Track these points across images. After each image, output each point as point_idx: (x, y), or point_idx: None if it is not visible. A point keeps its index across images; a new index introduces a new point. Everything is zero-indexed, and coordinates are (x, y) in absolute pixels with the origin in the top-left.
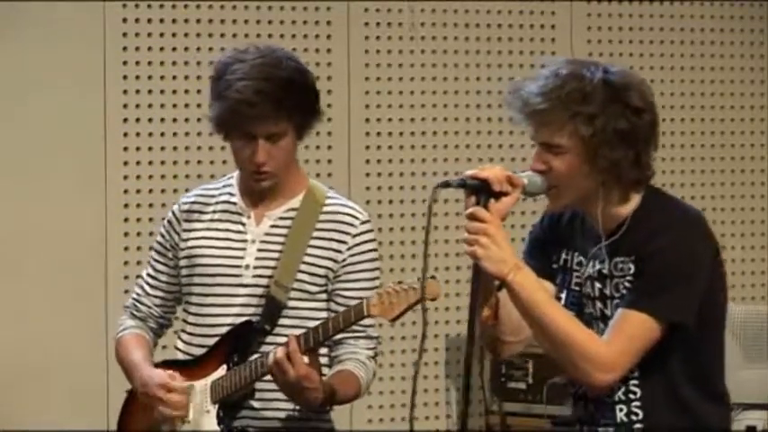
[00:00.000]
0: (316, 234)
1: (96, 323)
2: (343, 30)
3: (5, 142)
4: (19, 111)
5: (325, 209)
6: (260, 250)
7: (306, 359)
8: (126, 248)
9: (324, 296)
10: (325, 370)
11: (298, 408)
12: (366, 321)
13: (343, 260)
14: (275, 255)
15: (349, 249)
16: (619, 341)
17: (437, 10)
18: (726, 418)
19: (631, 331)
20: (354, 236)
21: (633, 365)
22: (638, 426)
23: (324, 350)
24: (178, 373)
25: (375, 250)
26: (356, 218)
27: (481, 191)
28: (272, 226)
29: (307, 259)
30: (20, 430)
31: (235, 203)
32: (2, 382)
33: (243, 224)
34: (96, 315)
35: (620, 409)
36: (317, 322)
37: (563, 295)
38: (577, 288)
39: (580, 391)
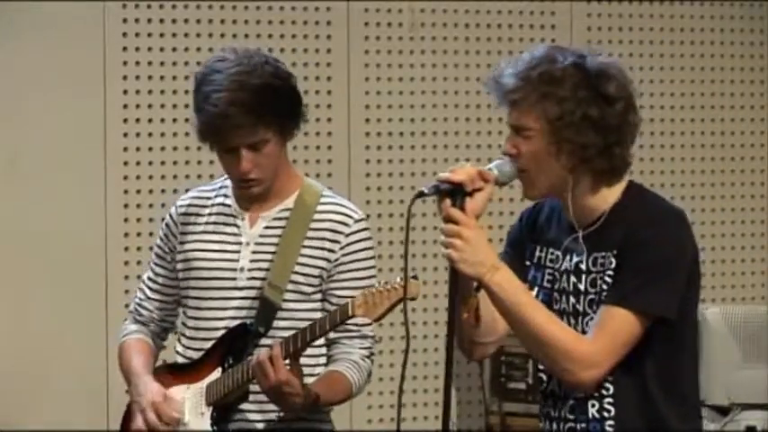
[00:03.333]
0: (310, 234)
1: (96, 323)
2: (343, 30)
3: (5, 142)
4: (19, 111)
5: (320, 208)
6: (254, 252)
7: (287, 363)
8: (126, 248)
9: (318, 296)
10: (321, 369)
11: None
12: (361, 320)
13: (336, 260)
14: (269, 256)
15: (342, 249)
16: (602, 338)
17: (437, 10)
18: (690, 420)
19: (615, 328)
20: (348, 235)
21: (617, 361)
22: (609, 423)
23: (322, 350)
24: (176, 386)
25: (370, 249)
26: (350, 217)
27: (455, 192)
28: (267, 227)
29: (301, 260)
30: (20, 430)
31: (229, 206)
32: (2, 382)
33: (237, 226)
34: (96, 315)
35: (593, 405)
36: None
37: (534, 292)
38: (549, 285)
39: (549, 387)
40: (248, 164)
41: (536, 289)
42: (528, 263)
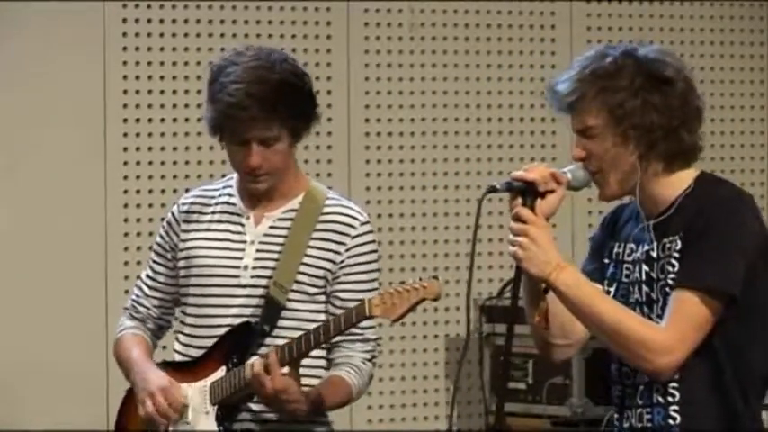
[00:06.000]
0: (315, 235)
1: (96, 323)
2: (343, 30)
3: (5, 142)
4: (19, 110)
5: (325, 210)
6: (258, 251)
7: (286, 370)
8: (126, 248)
9: (322, 298)
10: (323, 372)
11: None
12: (365, 323)
13: (341, 262)
14: (274, 256)
15: (347, 251)
16: (675, 323)
17: (437, 10)
18: (756, 415)
19: (686, 312)
20: (353, 237)
21: (695, 345)
22: (673, 407)
23: (322, 353)
24: (178, 382)
25: (374, 252)
26: (356, 219)
27: (527, 192)
28: (272, 227)
29: (306, 260)
30: (20, 430)
31: (234, 204)
32: (2, 382)
33: (242, 225)
34: (96, 315)
35: (657, 390)
36: (316, 324)
37: (612, 288)
38: (626, 279)
39: (629, 379)
40: (258, 159)
41: (615, 284)
42: (606, 260)
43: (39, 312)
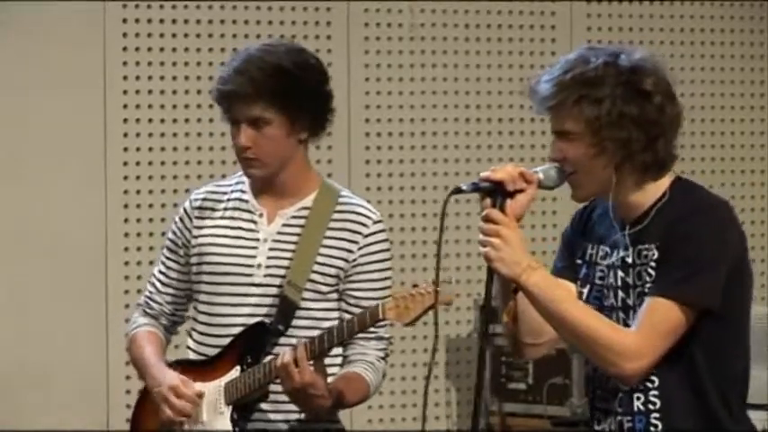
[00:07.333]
0: (328, 234)
1: (96, 323)
2: (343, 30)
3: (5, 142)
4: (19, 111)
5: (338, 208)
6: (272, 249)
7: (311, 365)
8: (126, 249)
9: (335, 296)
10: (337, 370)
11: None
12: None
13: (354, 260)
14: (288, 254)
15: (360, 249)
16: (644, 329)
17: (437, 10)
18: (741, 416)
19: (658, 318)
20: (366, 236)
21: (662, 353)
22: (654, 415)
23: (338, 350)
24: (191, 380)
25: (387, 250)
26: (369, 218)
27: (495, 192)
28: (285, 225)
29: (319, 259)
30: (20, 430)
31: (246, 201)
32: (2, 383)
33: (255, 222)
34: (96, 315)
35: (638, 398)
36: (330, 323)
37: (585, 290)
38: (600, 282)
39: (596, 381)
40: (246, 140)
41: (588, 286)
42: (579, 261)
43: (39, 312)
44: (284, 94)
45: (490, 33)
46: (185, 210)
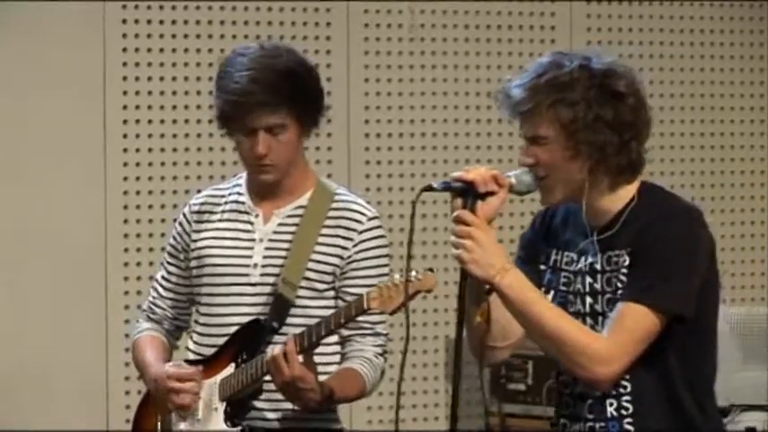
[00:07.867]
0: (324, 231)
1: (96, 323)
2: (342, 30)
3: (5, 143)
4: (19, 111)
5: (334, 206)
6: (268, 248)
7: (301, 359)
8: (126, 249)
9: (331, 293)
10: (335, 368)
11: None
12: (375, 318)
13: (349, 257)
14: (283, 253)
15: (355, 246)
16: (617, 334)
17: (437, 10)
18: (713, 418)
19: (629, 324)
20: (361, 232)
21: (634, 358)
22: (627, 420)
23: (336, 348)
24: (180, 366)
25: (383, 247)
26: (363, 214)
27: (467, 193)
28: (280, 224)
29: (314, 257)
30: (20, 430)
31: (243, 203)
32: (2, 383)
33: (251, 223)
34: (96, 315)
35: (611, 404)
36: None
37: (549, 296)
38: (564, 288)
39: (568, 388)
40: (265, 147)
41: (552, 292)
42: (543, 266)
43: (39, 312)
44: (300, 97)
45: (490, 34)
46: (184, 215)
